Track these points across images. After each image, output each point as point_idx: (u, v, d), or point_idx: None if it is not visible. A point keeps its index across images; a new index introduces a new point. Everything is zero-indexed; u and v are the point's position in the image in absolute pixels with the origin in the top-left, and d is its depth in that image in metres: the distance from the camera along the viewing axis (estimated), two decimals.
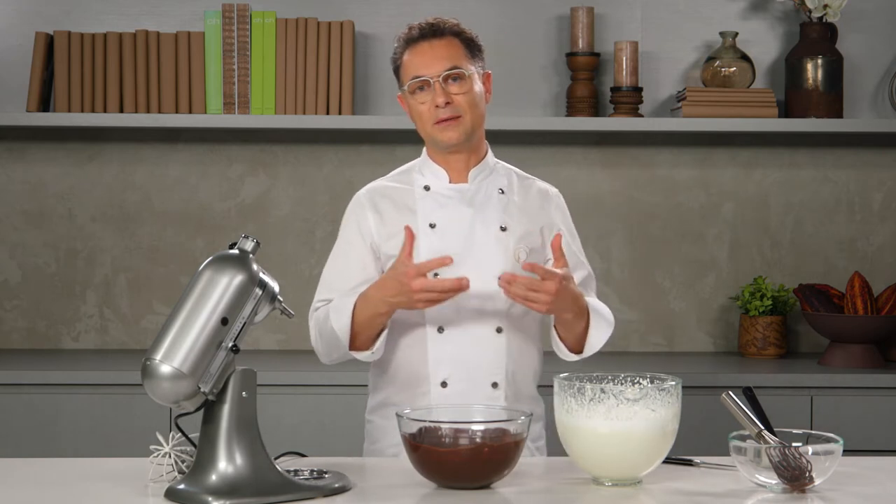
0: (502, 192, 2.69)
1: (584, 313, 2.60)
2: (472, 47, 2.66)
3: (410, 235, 2.48)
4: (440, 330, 2.61)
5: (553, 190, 2.77)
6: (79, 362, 3.73)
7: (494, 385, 2.62)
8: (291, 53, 3.84)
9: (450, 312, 2.59)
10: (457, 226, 2.63)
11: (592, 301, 2.67)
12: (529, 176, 2.78)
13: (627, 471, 2.22)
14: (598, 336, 2.63)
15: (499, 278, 2.45)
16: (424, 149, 2.73)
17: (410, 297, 2.45)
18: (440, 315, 2.59)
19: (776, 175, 4.07)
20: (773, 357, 3.89)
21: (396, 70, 2.68)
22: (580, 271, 2.71)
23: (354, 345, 2.58)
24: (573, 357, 2.66)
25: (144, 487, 2.19)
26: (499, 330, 2.63)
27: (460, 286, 2.44)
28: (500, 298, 2.59)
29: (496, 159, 2.75)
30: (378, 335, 2.58)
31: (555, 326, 2.64)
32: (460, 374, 2.60)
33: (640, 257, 4.07)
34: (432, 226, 2.63)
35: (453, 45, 2.63)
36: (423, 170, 2.71)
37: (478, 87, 2.64)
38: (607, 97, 3.99)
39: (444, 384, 2.60)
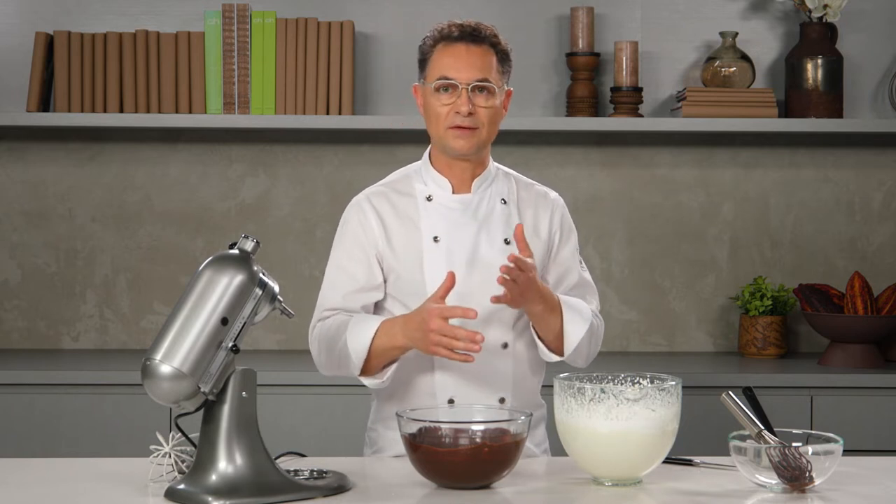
0: (504, 203, 2.66)
1: (555, 307, 2.54)
2: (505, 61, 2.63)
3: (450, 280, 2.42)
4: None
5: (553, 194, 2.74)
6: (79, 362, 3.73)
7: (502, 400, 2.61)
8: (291, 53, 3.84)
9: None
10: (461, 240, 2.60)
11: (567, 297, 2.61)
12: (530, 181, 2.75)
13: (627, 471, 2.22)
14: (574, 330, 2.55)
15: (503, 267, 2.40)
16: (426, 153, 2.69)
17: (426, 337, 2.40)
18: None
19: (776, 175, 4.07)
20: (773, 357, 3.89)
21: (422, 60, 2.62)
22: (572, 275, 2.68)
23: (364, 368, 2.53)
24: (555, 357, 2.61)
25: (144, 487, 2.19)
26: (504, 346, 2.61)
27: (473, 339, 2.37)
28: (506, 314, 2.59)
29: (497, 164, 2.73)
30: (389, 364, 2.55)
31: (533, 327, 2.60)
32: (467, 392, 2.58)
33: (640, 257, 4.07)
34: (436, 239, 2.60)
35: (489, 55, 2.59)
36: (425, 177, 2.66)
37: (499, 102, 2.62)
38: (607, 97, 3.99)
39: (451, 401, 2.58)
